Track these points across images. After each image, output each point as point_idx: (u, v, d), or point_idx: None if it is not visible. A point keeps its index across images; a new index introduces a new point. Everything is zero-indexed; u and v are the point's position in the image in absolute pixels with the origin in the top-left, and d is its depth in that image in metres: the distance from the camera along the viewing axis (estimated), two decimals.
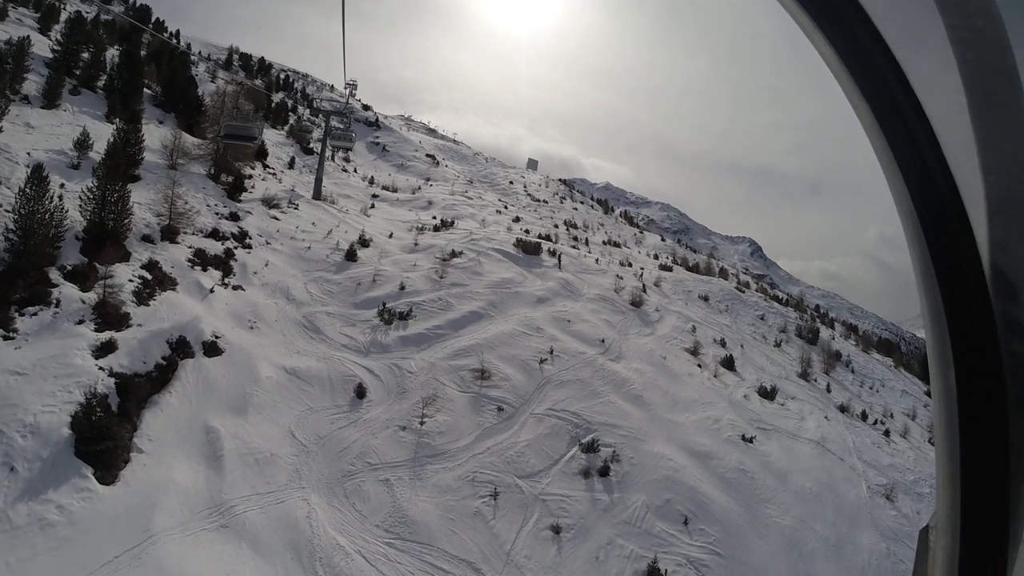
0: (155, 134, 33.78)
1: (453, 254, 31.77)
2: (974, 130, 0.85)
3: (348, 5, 20.06)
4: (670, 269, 45.40)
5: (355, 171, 58.62)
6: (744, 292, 42.79)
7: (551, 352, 23.37)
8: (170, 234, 23.86)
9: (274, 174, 45.34)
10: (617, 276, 36.16)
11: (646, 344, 27.86)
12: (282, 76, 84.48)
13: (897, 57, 0.93)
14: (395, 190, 55.23)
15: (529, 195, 66.96)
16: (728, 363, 29.66)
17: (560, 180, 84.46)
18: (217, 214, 27.66)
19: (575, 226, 56.92)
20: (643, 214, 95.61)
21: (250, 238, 27.17)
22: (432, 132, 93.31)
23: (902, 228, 0.95)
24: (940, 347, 0.89)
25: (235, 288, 23.00)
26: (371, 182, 55.18)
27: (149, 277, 20.79)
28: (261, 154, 46.41)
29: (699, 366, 28.18)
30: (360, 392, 19.18)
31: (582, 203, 73.51)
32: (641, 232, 67.27)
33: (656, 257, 52.17)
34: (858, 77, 0.95)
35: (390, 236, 35.37)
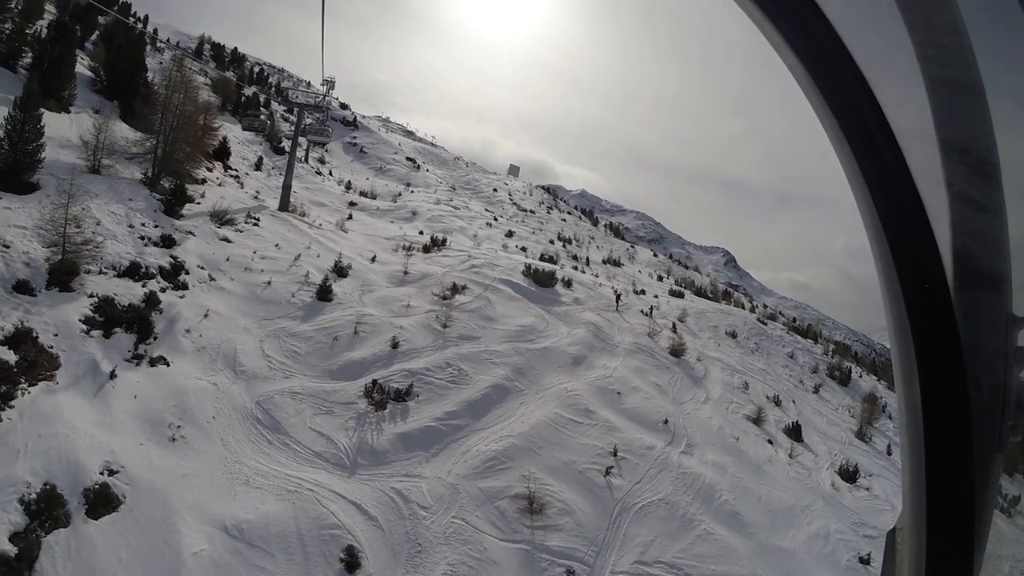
0: (85, 126, 24.46)
1: (455, 289, 23.68)
2: (938, 143, 0.83)
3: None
4: (682, 295, 38.44)
5: (330, 174, 49.40)
6: (767, 324, 36.11)
7: (615, 453, 15.67)
8: (63, 276, 15.01)
9: (237, 177, 36.11)
10: (642, 312, 28.76)
11: (709, 417, 20.52)
12: (256, 69, 73.45)
13: (864, 72, 0.87)
14: (374, 197, 46.39)
15: (515, 204, 58.99)
16: (795, 432, 22.74)
17: (543, 188, 76.69)
18: (143, 238, 18.68)
19: (569, 241, 49.39)
20: (619, 223, 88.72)
21: (187, 272, 18.35)
22: (410, 134, 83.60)
23: (867, 239, 0.90)
24: (905, 355, 0.86)
25: (154, 363, 14.33)
26: (348, 187, 46.15)
27: (12, 360, 12.05)
28: (223, 153, 37.03)
29: (770, 442, 21.10)
30: (351, 561, 11.00)
31: (569, 214, 65.89)
32: (632, 247, 60.24)
33: (661, 279, 45.15)
34: (825, 91, 0.90)
35: (372, 260, 26.92)
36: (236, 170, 37.11)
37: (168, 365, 14.45)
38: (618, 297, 28.09)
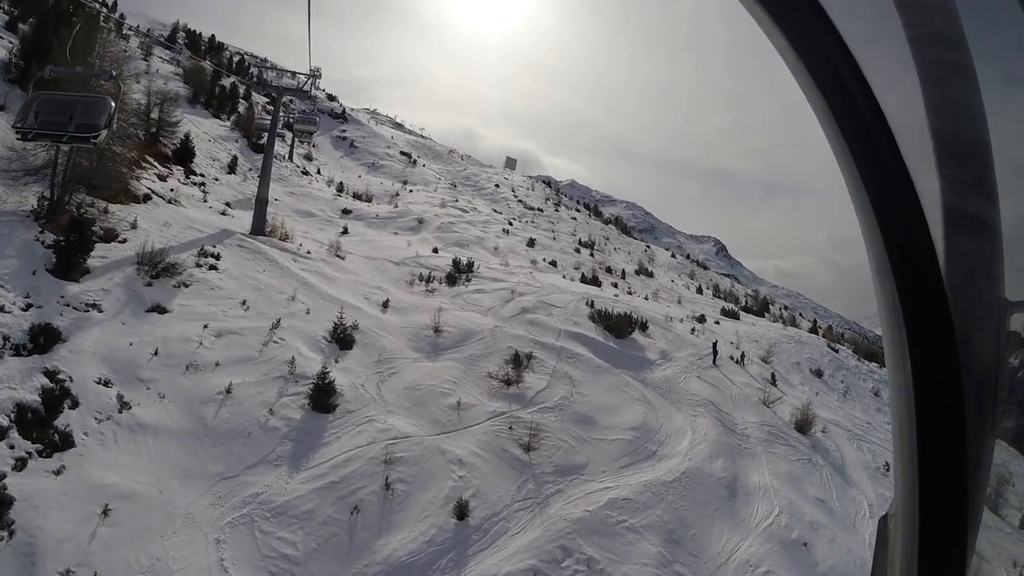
0: None
1: (518, 363, 14.96)
2: (929, 126, 0.77)
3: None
4: (736, 316, 30.48)
5: (319, 173, 39.25)
6: (838, 351, 28.53)
7: None
8: None
9: (202, 185, 26.10)
10: (732, 359, 20.73)
11: None
12: (235, 58, 61.10)
13: (855, 55, 0.79)
14: (370, 199, 36.67)
15: (520, 201, 49.92)
16: None
17: (544, 182, 67.52)
18: None
19: (590, 246, 40.89)
20: (610, 213, 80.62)
21: (73, 404, 9.04)
22: (399, 127, 72.26)
23: (858, 224, 0.82)
24: (897, 340, 0.78)
25: None
26: (340, 190, 36.24)
27: None
28: (185, 155, 26.88)
29: None
30: None
31: (577, 211, 56.91)
32: (648, 247, 51.96)
33: (700, 291, 37.10)
34: (816, 74, 0.81)
35: (384, 306, 17.69)
36: (202, 175, 27.03)
37: None
38: (715, 350, 19.84)
